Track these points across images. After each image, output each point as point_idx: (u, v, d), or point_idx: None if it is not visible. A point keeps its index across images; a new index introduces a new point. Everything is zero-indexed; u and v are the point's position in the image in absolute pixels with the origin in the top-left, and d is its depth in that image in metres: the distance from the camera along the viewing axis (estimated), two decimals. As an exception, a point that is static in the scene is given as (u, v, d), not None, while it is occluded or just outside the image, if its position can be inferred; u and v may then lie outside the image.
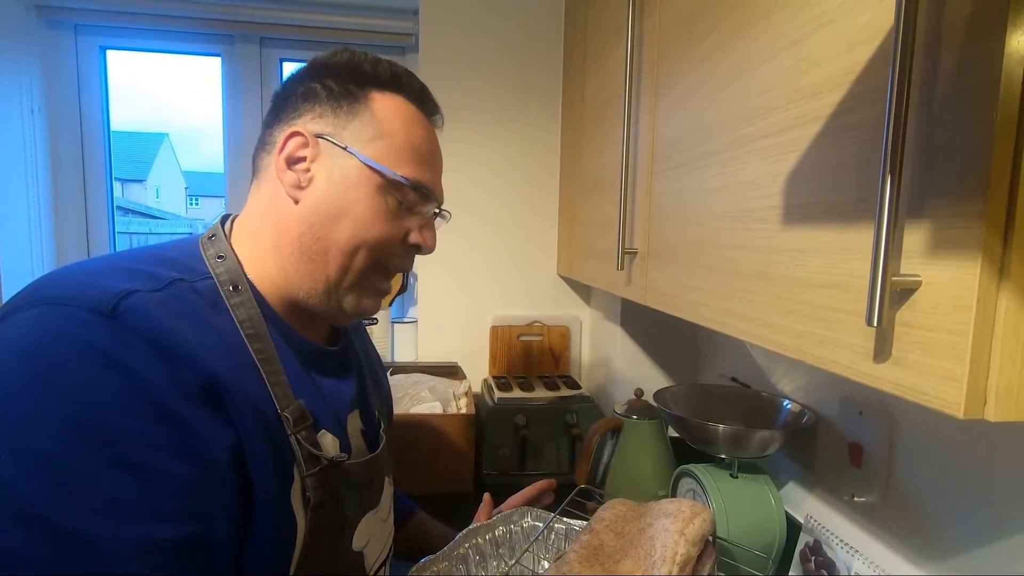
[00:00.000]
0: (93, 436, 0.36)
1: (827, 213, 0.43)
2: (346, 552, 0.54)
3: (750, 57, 0.53)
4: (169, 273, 0.47)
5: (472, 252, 1.41)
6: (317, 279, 0.53)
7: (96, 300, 0.40)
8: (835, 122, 0.42)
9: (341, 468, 0.52)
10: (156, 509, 0.38)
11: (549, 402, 1.22)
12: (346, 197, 0.52)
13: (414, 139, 0.56)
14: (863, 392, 0.73)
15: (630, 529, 0.67)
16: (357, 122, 0.53)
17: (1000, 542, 0.56)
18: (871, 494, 0.71)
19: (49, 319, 0.39)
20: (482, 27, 1.35)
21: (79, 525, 0.35)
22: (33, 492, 0.35)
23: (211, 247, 0.53)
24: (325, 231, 0.52)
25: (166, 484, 0.39)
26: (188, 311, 0.45)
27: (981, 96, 0.31)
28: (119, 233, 1.49)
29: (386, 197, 0.53)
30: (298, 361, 0.53)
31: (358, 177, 0.53)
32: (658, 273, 0.75)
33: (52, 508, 0.35)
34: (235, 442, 0.43)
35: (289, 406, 0.48)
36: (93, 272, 0.45)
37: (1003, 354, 0.30)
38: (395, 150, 0.54)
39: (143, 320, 0.41)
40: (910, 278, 0.34)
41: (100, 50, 1.40)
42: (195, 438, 0.40)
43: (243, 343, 0.48)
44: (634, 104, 0.83)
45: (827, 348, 0.42)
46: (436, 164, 0.60)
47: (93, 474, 0.36)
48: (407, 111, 0.56)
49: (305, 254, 0.53)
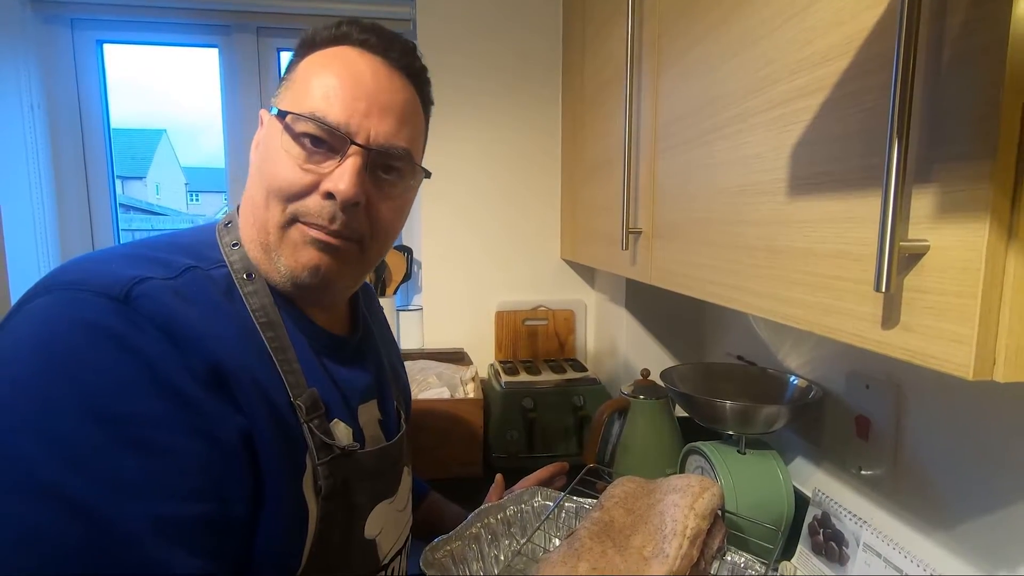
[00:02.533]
0: (107, 417, 0.37)
1: (833, 182, 0.43)
2: (358, 540, 0.55)
3: (753, 30, 0.53)
4: (184, 261, 0.47)
5: (475, 238, 1.41)
6: (255, 246, 0.52)
7: (108, 285, 0.41)
8: (840, 91, 0.42)
9: (353, 457, 0.52)
10: (171, 487, 0.38)
11: (556, 385, 1.23)
12: (263, 155, 0.52)
13: (324, 76, 0.50)
14: (870, 365, 0.74)
15: (640, 505, 0.68)
16: (285, 83, 0.54)
17: (1007, 510, 0.56)
18: (879, 467, 0.72)
19: (63, 304, 0.40)
20: (479, 10, 1.34)
21: (98, 501, 0.36)
22: (52, 471, 0.35)
23: (227, 235, 0.53)
24: (250, 191, 0.53)
25: (180, 462, 0.39)
26: (201, 299, 0.45)
27: (988, 57, 0.30)
28: (122, 230, 1.50)
29: (292, 145, 0.50)
30: (312, 350, 0.53)
31: (269, 131, 0.52)
32: (663, 252, 0.75)
33: (71, 486, 0.35)
34: (245, 426, 0.44)
35: (302, 394, 0.49)
36: (107, 260, 0.45)
37: (1011, 315, 0.31)
38: (296, 93, 0.51)
39: (154, 305, 0.41)
40: (918, 243, 0.34)
41: (97, 44, 1.39)
42: (207, 418, 0.41)
43: (256, 331, 0.48)
44: (635, 83, 0.82)
45: (836, 317, 0.43)
46: (353, 96, 0.50)
47: (109, 454, 0.37)
48: (329, 55, 0.52)
49: (247, 225, 0.53)
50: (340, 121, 0.49)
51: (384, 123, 0.51)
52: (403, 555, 0.64)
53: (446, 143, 1.36)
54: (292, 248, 0.51)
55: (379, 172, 0.52)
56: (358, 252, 0.53)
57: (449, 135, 1.36)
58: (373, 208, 0.52)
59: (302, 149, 0.49)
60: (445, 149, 1.36)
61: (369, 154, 0.50)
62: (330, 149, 0.50)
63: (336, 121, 0.49)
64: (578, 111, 1.22)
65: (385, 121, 0.51)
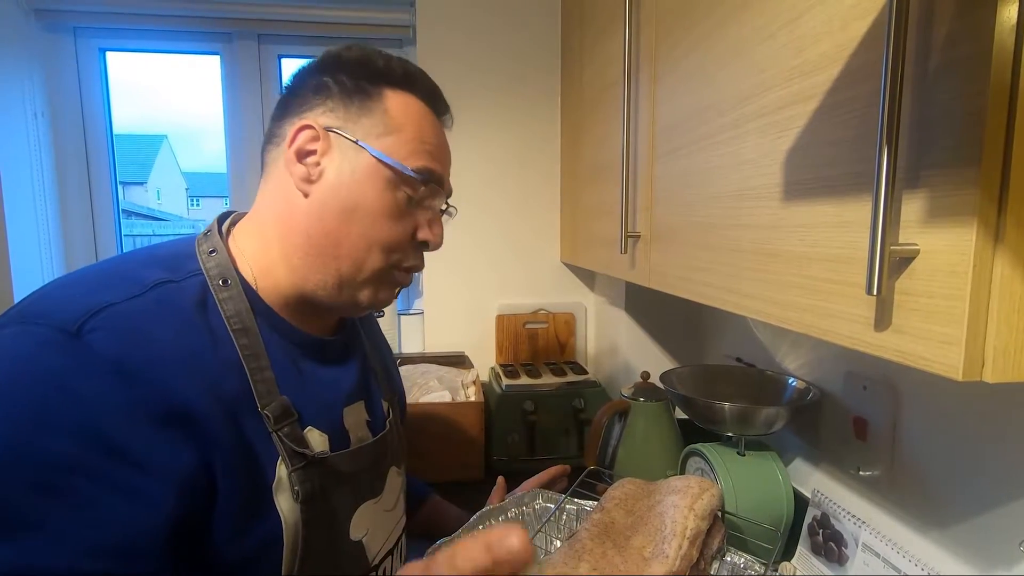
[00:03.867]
0: (21, 455, 0.37)
1: (826, 188, 0.43)
2: (344, 543, 0.55)
3: (747, 37, 0.54)
4: (155, 275, 0.47)
5: (475, 242, 1.42)
6: (328, 272, 0.53)
7: (64, 319, 0.41)
8: (831, 98, 0.43)
9: (327, 462, 0.52)
10: (70, 540, 0.37)
11: (556, 388, 1.23)
12: (356, 191, 0.52)
13: (424, 135, 0.56)
14: (867, 366, 0.74)
15: (640, 506, 0.69)
16: (368, 118, 0.54)
17: (1003, 509, 0.57)
18: (877, 467, 0.73)
19: (20, 337, 0.40)
20: (479, 17, 1.35)
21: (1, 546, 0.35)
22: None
23: (205, 243, 0.53)
24: (335, 225, 0.52)
25: (92, 514, 0.38)
26: (167, 316, 0.45)
27: (974, 66, 0.31)
28: (124, 236, 1.51)
29: (396, 192, 0.54)
30: (288, 356, 0.53)
31: (368, 171, 0.53)
32: (661, 256, 0.76)
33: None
34: (196, 461, 0.43)
35: (271, 403, 0.49)
36: (79, 284, 0.45)
37: (999, 317, 0.31)
38: (405, 145, 0.54)
39: (108, 340, 0.41)
40: (908, 247, 0.35)
41: (100, 52, 1.40)
42: (140, 467, 0.40)
43: (229, 339, 0.48)
44: (633, 89, 0.83)
45: (830, 320, 0.43)
46: (445, 160, 0.60)
47: (20, 495, 0.36)
48: (418, 108, 0.57)
49: (314, 247, 0.53)
50: (446, 181, 0.60)
51: (450, 182, 0.61)
52: (395, 555, 0.64)
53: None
54: (377, 287, 0.56)
55: None
56: None
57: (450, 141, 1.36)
58: None
59: (407, 201, 0.55)
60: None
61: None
62: (426, 199, 0.57)
63: (444, 182, 0.59)
64: (577, 116, 1.23)
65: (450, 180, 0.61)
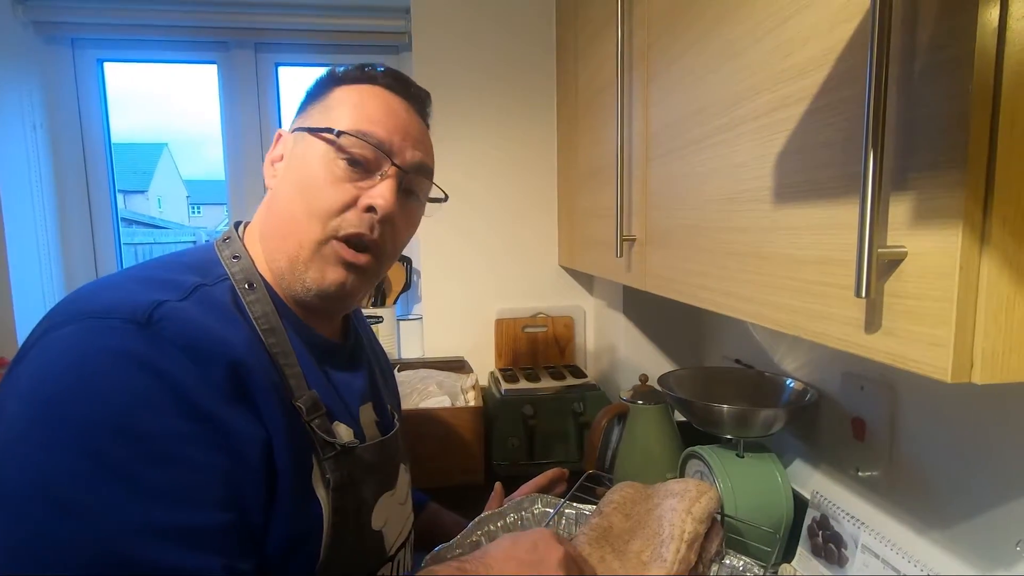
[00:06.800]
0: (136, 435, 0.40)
1: (816, 190, 0.44)
2: (368, 531, 0.57)
3: (736, 41, 0.54)
4: (192, 279, 0.50)
5: (473, 247, 1.42)
6: (282, 255, 0.55)
7: (132, 312, 0.43)
8: (820, 101, 0.43)
9: (354, 453, 0.55)
10: (198, 497, 0.41)
11: (556, 392, 1.23)
12: (302, 171, 0.55)
13: (365, 106, 0.56)
14: (864, 367, 0.74)
15: (638, 510, 0.69)
16: (318, 111, 0.57)
17: (1001, 509, 0.57)
18: (875, 468, 0.73)
19: (94, 332, 0.42)
20: (474, 23, 1.35)
21: (127, 512, 0.38)
22: (82, 488, 0.38)
23: (226, 249, 0.56)
24: (285, 205, 0.55)
25: (205, 475, 0.42)
26: (214, 313, 0.48)
27: (957, 69, 0.31)
28: (124, 244, 1.51)
29: (333, 162, 0.54)
30: (311, 355, 0.56)
31: (308, 149, 0.55)
32: (657, 258, 0.76)
33: (99, 497, 0.38)
34: (264, 436, 0.47)
35: (302, 396, 0.51)
36: (122, 287, 0.48)
37: (986, 318, 0.32)
38: (341, 118, 0.55)
39: (175, 327, 0.44)
40: (896, 249, 0.35)
41: (98, 63, 1.41)
42: (227, 433, 0.44)
43: (259, 339, 0.51)
44: (626, 92, 0.84)
45: (822, 322, 0.43)
46: (393, 128, 0.56)
47: (138, 469, 0.39)
48: (367, 90, 0.58)
49: (276, 237, 0.56)
50: (384, 140, 0.55)
51: (415, 152, 0.58)
52: (407, 548, 0.66)
53: (443, 153, 1.36)
54: (321, 264, 0.54)
55: (403, 195, 0.57)
56: (376, 267, 0.57)
57: (446, 145, 1.37)
58: (394, 227, 0.57)
59: (347, 165, 0.54)
60: (442, 159, 1.37)
61: (404, 175, 0.56)
62: (367, 169, 0.55)
63: (380, 140, 0.55)
64: (572, 120, 1.24)
65: (415, 151, 0.58)
